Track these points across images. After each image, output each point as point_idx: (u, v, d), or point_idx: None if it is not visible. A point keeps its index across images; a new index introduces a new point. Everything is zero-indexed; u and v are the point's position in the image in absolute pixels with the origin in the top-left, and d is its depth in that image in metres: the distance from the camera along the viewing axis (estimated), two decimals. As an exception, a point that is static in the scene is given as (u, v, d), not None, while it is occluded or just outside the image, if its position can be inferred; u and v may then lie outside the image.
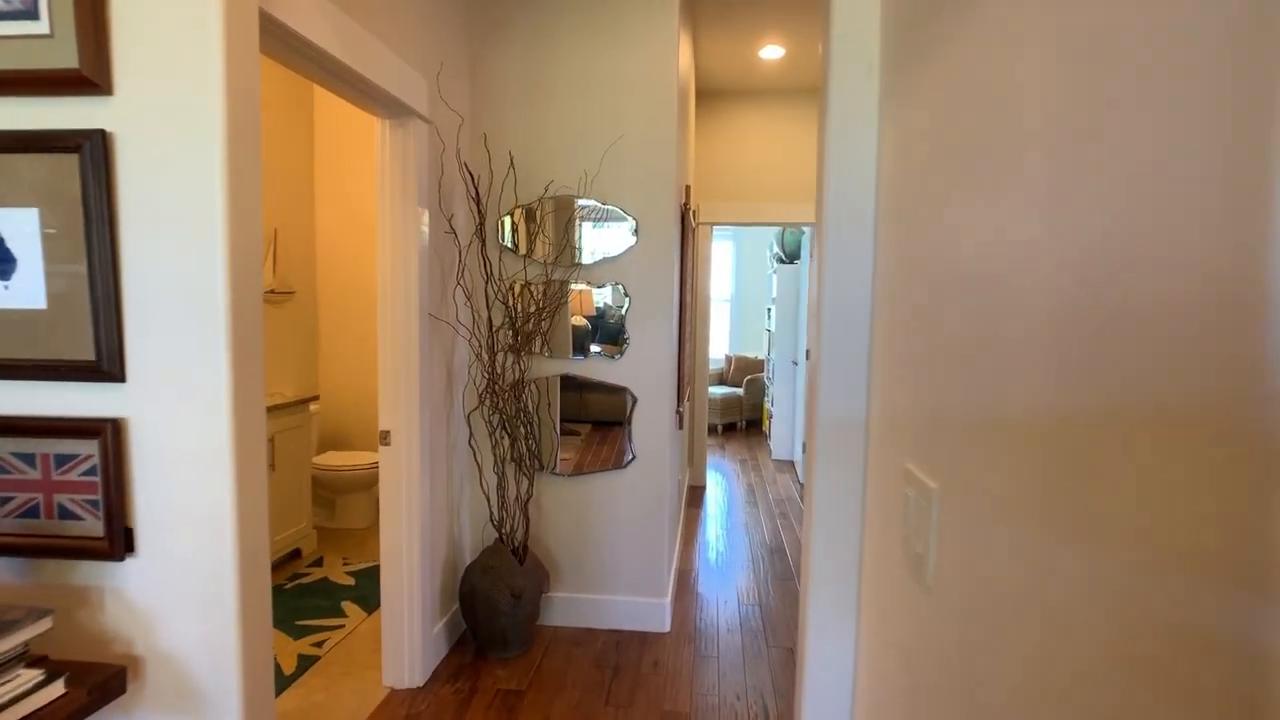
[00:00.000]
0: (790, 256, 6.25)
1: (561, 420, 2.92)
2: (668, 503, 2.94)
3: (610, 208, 2.82)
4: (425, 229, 2.45)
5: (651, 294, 2.84)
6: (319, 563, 3.67)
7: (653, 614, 2.93)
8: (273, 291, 4.19)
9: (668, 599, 2.98)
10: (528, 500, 2.76)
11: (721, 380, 8.17)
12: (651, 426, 2.89)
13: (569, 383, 2.90)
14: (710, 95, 5.07)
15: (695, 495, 5.14)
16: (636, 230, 2.82)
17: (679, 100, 2.83)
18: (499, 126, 2.82)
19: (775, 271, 6.44)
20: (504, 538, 2.73)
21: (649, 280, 2.83)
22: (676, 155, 2.80)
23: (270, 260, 4.21)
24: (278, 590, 3.30)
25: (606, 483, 2.91)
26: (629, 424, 2.90)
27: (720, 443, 7.09)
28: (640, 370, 2.87)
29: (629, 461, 2.91)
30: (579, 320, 2.86)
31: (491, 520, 2.72)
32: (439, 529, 2.68)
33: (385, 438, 2.44)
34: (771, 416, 6.55)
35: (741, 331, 8.83)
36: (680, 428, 3.29)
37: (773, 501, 4.94)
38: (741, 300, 8.79)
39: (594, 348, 2.88)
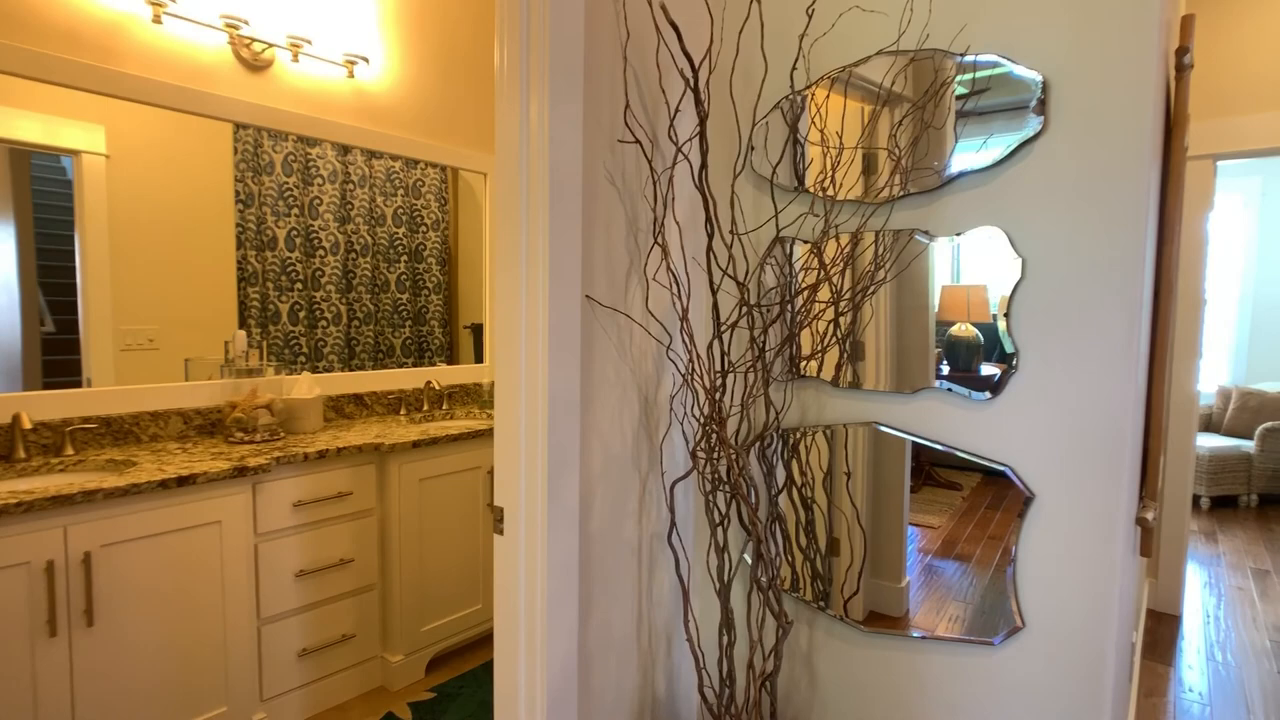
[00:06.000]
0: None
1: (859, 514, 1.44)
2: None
3: (983, 61, 1.25)
4: (573, 126, 1.28)
5: (1078, 256, 1.18)
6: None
7: None
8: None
9: None
10: (772, 672, 1.36)
11: (1208, 426, 5.19)
12: (1068, 552, 1.22)
13: (884, 445, 1.41)
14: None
15: (1162, 631, 2.92)
16: (1042, 103, 1.20)
17: None
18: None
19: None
20: (722, 734, 1.39)
21: (1071, 223, 1.18)
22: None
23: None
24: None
25: (954, 661, 1.33)
26: (1014, 546, 1.28)
27: (1209, 528, 4.34)
28: (1042, 429, 1.23)
29: (1010, 632, 1.28)
30: (964, 332, 1.35)
31: (702, 694, 1.41)
32: (611, 697, 1.47)
33: (498, 520, 1.35)
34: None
35: (1251, 348, 5.56)
36: (1143, 553, 1.50)
37: (1359, 691, 2.44)
38: (1255, 297, 5.53)
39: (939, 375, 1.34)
